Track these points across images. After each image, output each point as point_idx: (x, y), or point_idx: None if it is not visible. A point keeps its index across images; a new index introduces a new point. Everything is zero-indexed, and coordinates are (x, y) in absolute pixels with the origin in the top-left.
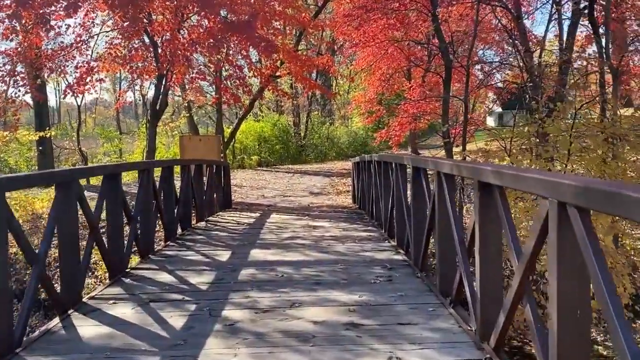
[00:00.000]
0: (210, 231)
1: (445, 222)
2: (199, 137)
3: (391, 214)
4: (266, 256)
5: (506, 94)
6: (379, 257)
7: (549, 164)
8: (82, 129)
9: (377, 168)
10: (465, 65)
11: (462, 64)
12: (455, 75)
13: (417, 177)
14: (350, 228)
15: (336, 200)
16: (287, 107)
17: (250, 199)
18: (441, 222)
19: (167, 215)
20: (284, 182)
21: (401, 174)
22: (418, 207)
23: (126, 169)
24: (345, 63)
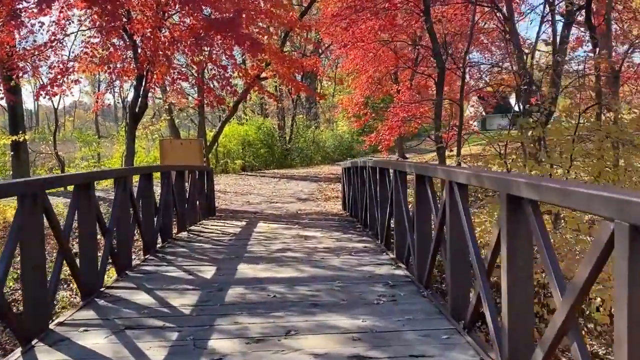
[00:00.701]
0: (193, 242)
1: (458, 237)
2: (180, 141)
3: (389, 224)
4: (255, 272)
5: (493, 98)
6: (379, 272)
7: (550, 170)
8: (61, 132)
9: (371, 174)
10: (461, 66)
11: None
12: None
13: (421, 186)
14: (343, 238)
15: (325, 206)
16: (271, 110)
17: (235, 205)
18: (453, 236)
19: (146, 227)
20: (270, 187)
21: (401, 182)
22: (422, 218)
23: (100, 178)
24: (330, 66)
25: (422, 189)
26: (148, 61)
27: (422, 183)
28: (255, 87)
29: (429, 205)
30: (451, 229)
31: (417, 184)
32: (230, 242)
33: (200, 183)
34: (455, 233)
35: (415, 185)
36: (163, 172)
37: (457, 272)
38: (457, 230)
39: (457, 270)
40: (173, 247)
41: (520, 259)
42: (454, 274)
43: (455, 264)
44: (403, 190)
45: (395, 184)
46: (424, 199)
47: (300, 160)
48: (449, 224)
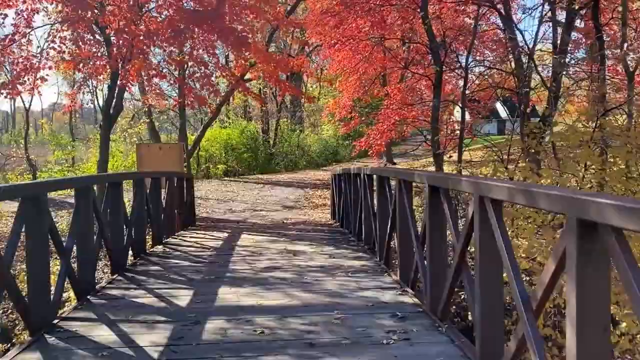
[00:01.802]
0: (169, 259)
1: (491, 266)
2: (159, 146)
3: (389, 241)
4: (239, 298)
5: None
6: (384, 298)
7: (562, 179)
8: (38, 135)
9: (367, 183)
10: (458, 66)
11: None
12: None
13: (436, 200)
14: (337, 254)
15: (312, 215)
16: (255, 114)
17: (216, 213)
18: (484, 264)
19: (114, 243)
20: (254, 194)
21: (407, 194)
22: (436, 238)
23: (55, 188)
24: (317, 68)
25: (437, 203)
26: (122, 57)
27: (436, 196)
28: (239, 88)
29: (444, 223)
30: (482, 255)
31: (430, 196)
32: (211, 259)
33: (179, 191)
34: (488, 261)
35: (428, 198)
36: (136, 179)
37: (490, 309)
38: (489, 257)
39: (489, 306)
40: (146, 264)
41: (594, 306)
42: (486, 310)
43: (488, 299)
44: (409, 204)
45: (399, 195)
46: (439, 215)
47: (284, 165)
48: (478, 250)
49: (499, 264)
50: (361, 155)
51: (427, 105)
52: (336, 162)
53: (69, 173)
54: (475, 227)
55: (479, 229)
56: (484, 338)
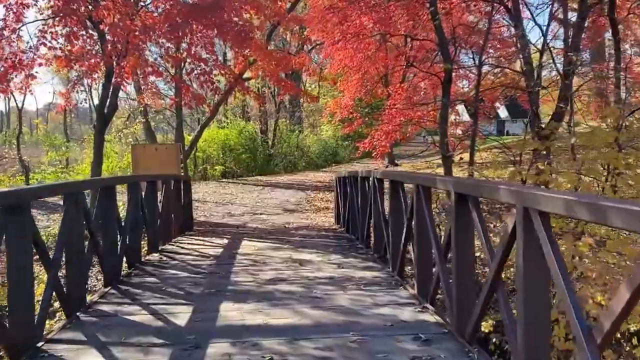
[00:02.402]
0: (166, 269)
1: (540, 286)
2: (155, 146)
3: (404, 250)
4: (243, 316)
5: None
6: (403, 316)
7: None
8: (33, 135)
9: (377, 187)
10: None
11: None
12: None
13: (463, 209)
14: (346, 264)
15: (315, 219)
16: (254, 114)
17: (215, 217)
18: (530, 284)
19: (106, 253)
20: (253, 196)
21: (426, 201)
22: (463, 251)
23: (40, 195)
24: (316, 68)
25: (464, 213)
26: (117, 53)
27: (463, 204)
28: (238, 87)
29: (471, 235)
30: (526, 275)
31: (457, 205)
32: (211, 269)
33: (175, 194)
34: (533, 281)
35: (455, 206)
36: (130, 183)
37: (536, 335)
38: (535, 277)
39: (534, 331)
40: (141, 275)
41: None
42: (530, 337)
43: (533, 323)
44: (429, 212)
45: (417, 202)
46: (466, 226)
47: (283, 166)
48: (522, 268)
49: (545, 285)
50: (361, 157)
51: (432, 106)
52: (336, 164)
53: (63, 174)
54: (519, 243)
55: (522, 246)
56: None
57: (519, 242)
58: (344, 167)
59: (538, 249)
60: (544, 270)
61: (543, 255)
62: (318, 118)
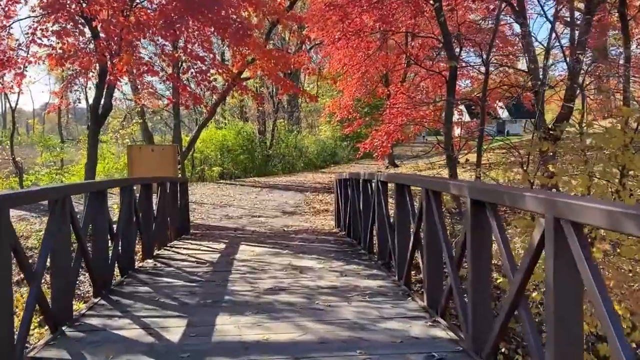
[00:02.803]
0: (160, 277)
1: (573, 307)
2: (152, 147)
3: (411, 258)
4: (241, 330)
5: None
6: (413, 332)
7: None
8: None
9: (381, 190)
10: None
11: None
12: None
13: (480, 216)
14: (348, 271)
15: (314, 222)
16: (252, 114)
17: (212, 220)
18: (561, 300)
19: (96, 261)
20: (251, 198)
21: (437, 206)
22: (481, 263)
23: (21, 202)
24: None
25: (481, 221)
26: (110, 51)
27: (480, 211)
28: (236, 87)
29: (489, 245)
30: (557, 295)
31: (473, 212)
32: (207, 276)
33: (172, 197)
34: (566, 301)
35: (470, 214)
36: (124, 186)
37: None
38: (568, 298)
39: (565, 351)
40: (134, 283)
41: None
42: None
43: (566, 348)
44: (440, 219)
45: (427, 208)
46: (483, 236)
47: (282, 167)
48: (552, 288)
49: (579, 306)
50: (360, 157)
51: (434, 105)
52: (334, 164)
53: (57, 176)
54: (548, 258)
55: (553, 261)
56: None
57: (548, 256)
58: (342, 168)
59: (571, 265)
60: (578, 289)
61: (577, 271)
62: (316, 118)
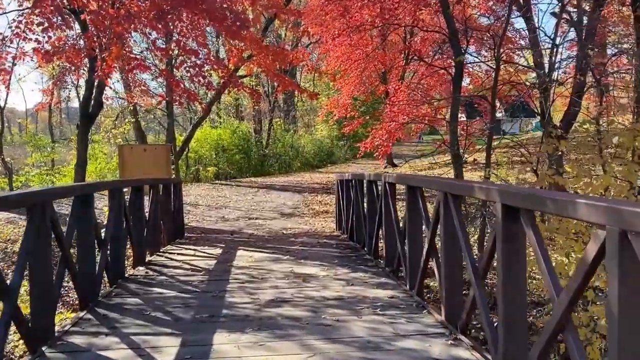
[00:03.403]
0: (152, 286)
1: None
2: (144, 147)
3: (425, 267)
4: (241, 352)
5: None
6: (433, 352)
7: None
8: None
9: (389, 192)
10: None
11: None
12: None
13: (514, 225)
14: (355, 279)
15: (314, 224)
16: (247, 113)
17: (207, 222)
18: (629, 328)
19: (81, 271)
20: (248, 199)
21: (457, 212)
22: (517, 278)
23: None
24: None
25: (515, 230)
26: (99, 44)
27: (513, 219)
28: (232, 84)
29: (523, 257)
30: (623, 322)
31: (505, 221)
32: (202, 286)
33: (165, 199)
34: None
35: (502, 221)
36: (112, 189)
37: None
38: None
39: None
40: (123, 294)
41: None
42: None
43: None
44: (461, 225)
45: (446, 213)
46: (517, 246)
47: (278, 167)
48: (616, 314)
49: None
50: (357, 157)
51: (435, 104)
52: (331, 164)
53: (48, 176)
54: (612, 279)
55: (618, 283)
56: None
57: (611, 277)
58: (340, 168)
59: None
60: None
61: None
62: (313, 118)
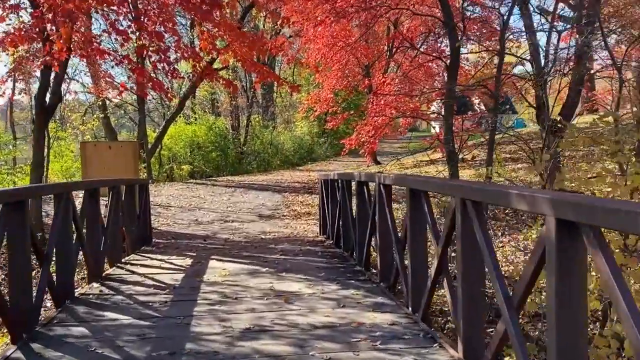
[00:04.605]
0: (104, 310)
1: None
2: (109, 144)
3: (432, 287)
4: None
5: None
6: None
7: None
8: None
9: (384, 195)
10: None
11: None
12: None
13: (572, 243)
14: (347, 299)
15: (296, 227)
16: (224, 109)
17: (179, 226)
18: None
19: (13, 294)
20: (224, 199)
21: (480, 224)
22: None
23: None
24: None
25: (574, 249)
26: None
27: (573, 236)
28: (208, 76)
29: (582, 283)
30: None
31: (558, 236)
32: (165, 310)
33: (129, 202)
34: None
35: (555, 239)
36: (58, 194)
37: None
38: None
39: None
40: (68, 321)
41: None
42: None
43: None
44: (485, 236)
45: (464, 224)
46: (573, 270)
47: (257, 165)
48: None
49: None
50: (339, 154)
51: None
52: (312, 161)
53: (8, 176)
54: None
55: None
56: None
57: None
58: (321, 166)
59: None
60: None
61: None
62: (292, 114)
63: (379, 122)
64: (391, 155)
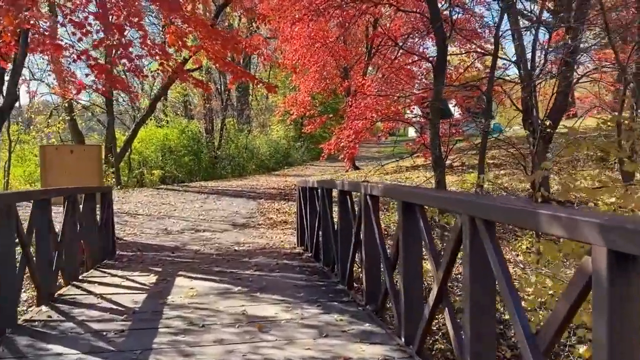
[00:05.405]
0: (49, 342)
1: None
2: (70, 148)
3: (432, 315)
4: None
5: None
6: None
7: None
8: None
9: (371, 206)
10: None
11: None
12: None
13: (626, 280)
14: (329, 325)
15: (272, 237)
16: (197, 112)
17: (147, 235)
18: None
19: None
20: (196, 207)
21: (494, 248)
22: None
23: None
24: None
25: (631, 285)
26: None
27: (630, 269)
28: (178, 76)
29: (635, 324)
30: None
31: (611, 272)
32: (120, 341)
33: (88, 212)
34: None
35: (608, 277)
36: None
37: None
38: None
39: None
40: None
41: None
42: None
43: None
44: (502, 263)
45: (473, 245)
46: (627, 308)
47: (231, 170)
48: None
49: None
50: (314, 158)
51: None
52: (288, 166)
53: None
54: None
55: None
56: None
57: None
58: (297, 171)
59: None
60: None
61: None
62: (268, 117)
63: (359, 126)
64: (368, 160)
